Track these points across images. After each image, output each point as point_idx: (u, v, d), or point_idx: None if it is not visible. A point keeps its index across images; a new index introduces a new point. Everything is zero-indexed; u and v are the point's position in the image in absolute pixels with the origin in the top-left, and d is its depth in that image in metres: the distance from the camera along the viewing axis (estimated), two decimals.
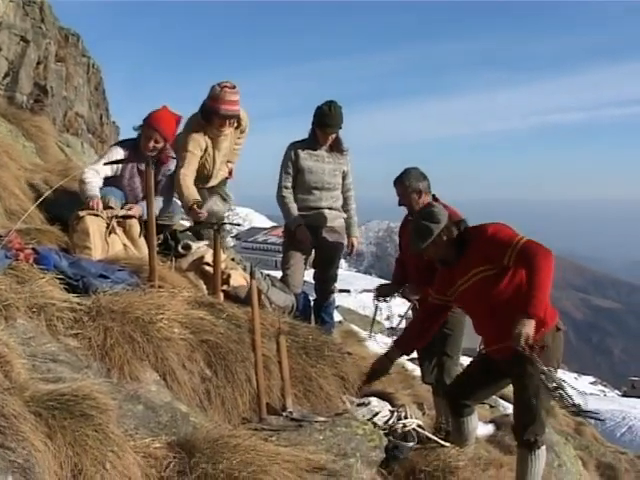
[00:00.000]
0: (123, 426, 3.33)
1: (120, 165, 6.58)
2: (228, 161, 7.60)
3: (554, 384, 4.80)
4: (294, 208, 7.23)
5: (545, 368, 4.77)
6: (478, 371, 5.42)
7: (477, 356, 5.54)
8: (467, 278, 5.11)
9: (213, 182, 7.44)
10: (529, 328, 4.67)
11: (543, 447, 5.18)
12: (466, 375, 5.60)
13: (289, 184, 7.26)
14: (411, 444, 5.13)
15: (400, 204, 6.31)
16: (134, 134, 6.71)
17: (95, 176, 6.41)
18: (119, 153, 6.64)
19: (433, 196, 6.15)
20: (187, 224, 7.67)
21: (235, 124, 7.21)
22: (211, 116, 6.95)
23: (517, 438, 5.24)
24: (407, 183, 6.19)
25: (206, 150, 7.09)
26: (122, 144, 6.83)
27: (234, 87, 6.89)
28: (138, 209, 6.42)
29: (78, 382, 3.14)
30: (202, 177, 7.16)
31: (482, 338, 5.40)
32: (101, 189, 6.41)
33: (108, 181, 6.57)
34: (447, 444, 5.37)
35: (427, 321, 5.61)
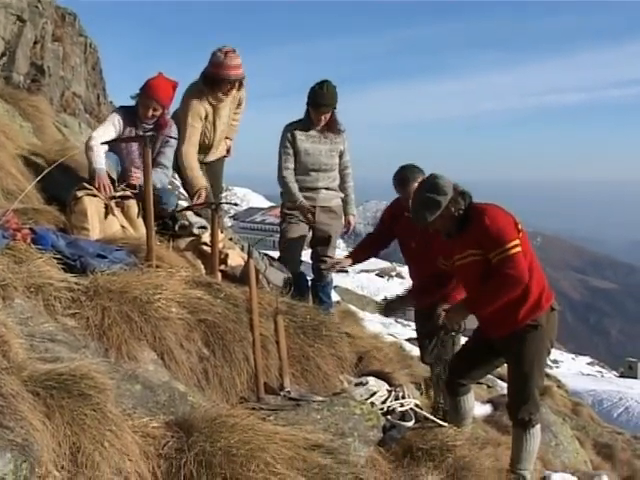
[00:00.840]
0: (121, 405, 3.33)
1: (121, 129, 6.60)
2: (227, 137, 7.62)
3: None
4: (296, 187, 7.21)
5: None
6: (473, 350, 5.46)
7: (472, 335, 5.57)
8: (463, 256, 5.13)
9: (212, 156, 7.46)
10: (457, 316, 5.22)
11: (537, 426, 5.22)
12: (461, 354, 5.63)
13: (290, 165, 7.23)
14: (409, 424, 5.15)
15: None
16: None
17: (101, 150, 6.41)
18: (119, 119, 6.65)
19: None
20: (184, 204, 7.65)
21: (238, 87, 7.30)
22: (218, 83, 7.03)
23: (512, 417, 5.28)
24: (420, 179, 6.08)
25: (206, 118, 7.15)
26: (121, 110, 6.81)
27: (234, 51, 6.98)
28: (139, 178, 6.37)
29: (76, 362, 3.14)
30: (202, 147, 7.18)
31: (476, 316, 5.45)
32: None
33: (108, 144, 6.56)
34: (445, 424, 5.40)
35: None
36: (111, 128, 6.56)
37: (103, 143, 6.40)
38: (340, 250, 7.99)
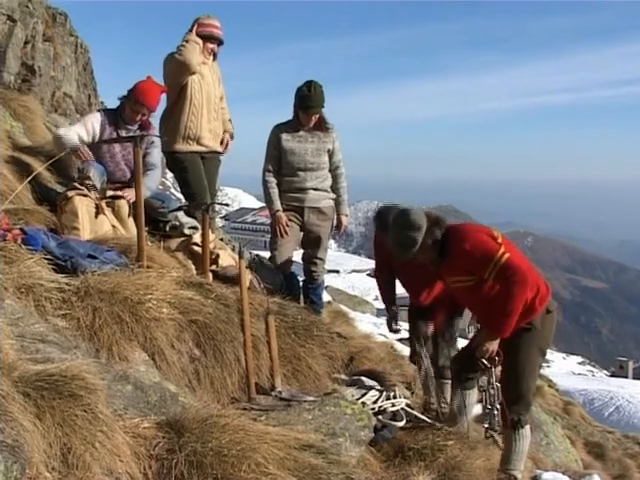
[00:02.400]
0: (112, 406, 3.32)
1: (97, 130, 6.54)
2: (225, 131, 7.64)
3: (491, 401, 5.25)
4: (275, 194, 7.23)
5: (496, 384, 5.19)
6: None
7: (478, 330, 5.60)
8: (452, 281, 5.18)
9: (206, 131, 7.40)
10: (493, 345, 5.06)
11: (527, 427, 5.23)
12: (469, 348, 5.65)
13: (272, 167, 7.25)
14: (400, 424, 5.16)
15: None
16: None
17: (69, 131, 6.40)
18: (97, 118, 6.60)
19: None
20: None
21: (215, 51, 7.45)
22: (203, 40, 7.18)
23: (501, 417, 5.29)
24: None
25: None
26: (101, 113, 6.76)
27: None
28: (131, 193, 6.35)
29: (67, 362, 3.13)
30: (193, 112, 7.24)
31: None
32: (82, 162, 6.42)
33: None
34: (436, 423, 5.41)
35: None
36: (82, 129, 6.49)
37: (96, 143, 6.40)
38: (331, 250, 7.93)
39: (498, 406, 5.26)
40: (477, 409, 7.93)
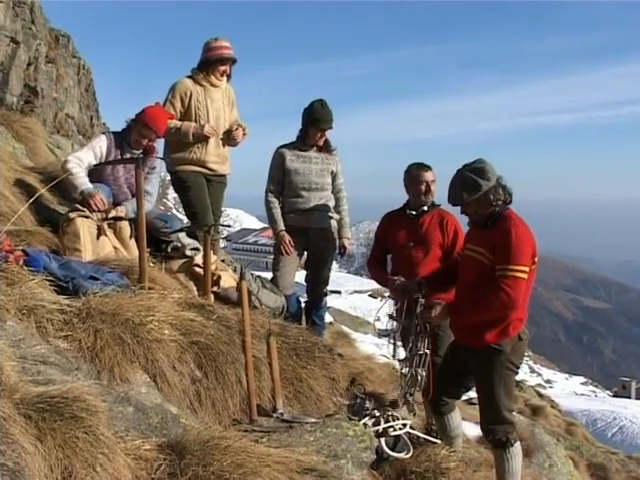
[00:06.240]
0: (113, 428, 3.31)
1: (104, 153, 6.53)
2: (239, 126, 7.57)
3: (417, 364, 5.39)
4: (278, 214, 7.23)
5: (426, 350, 5.38)
6: (448, 366, 5.46)
7: (445, 353, 5.57)
8: (474, 249, 5.09)
9: (214, 151, 7.36)
10: (440, 314, 5.21)
11: (517, 444, 5.19)
12: (439, 372, 5.62)
13: (275, 187, 7.26)
14: (407, 456, 5.14)
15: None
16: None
17: (80, 165, 6.36)
18: (104, 141, 6.59)
19: None
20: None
21: (228, 72, 7.38)
22: (213, 64, 7.16)
23: (488, 440, 5.27)
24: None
25: (198, 97, 7.19)
26: (108, 135, 6.76)
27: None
28: (124, 209, 6.41)
29: (68, 384, 3.13)
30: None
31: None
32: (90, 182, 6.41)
33: (92, 170, 6.52)
34: (437, 441, 5.39)
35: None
36: (91, 154, 6.47)
37: (96, 165, 6.41)
38: (333, 271, 7.90)
39: (423, 373, 5.39)
40: (478, 429, 7.90)
